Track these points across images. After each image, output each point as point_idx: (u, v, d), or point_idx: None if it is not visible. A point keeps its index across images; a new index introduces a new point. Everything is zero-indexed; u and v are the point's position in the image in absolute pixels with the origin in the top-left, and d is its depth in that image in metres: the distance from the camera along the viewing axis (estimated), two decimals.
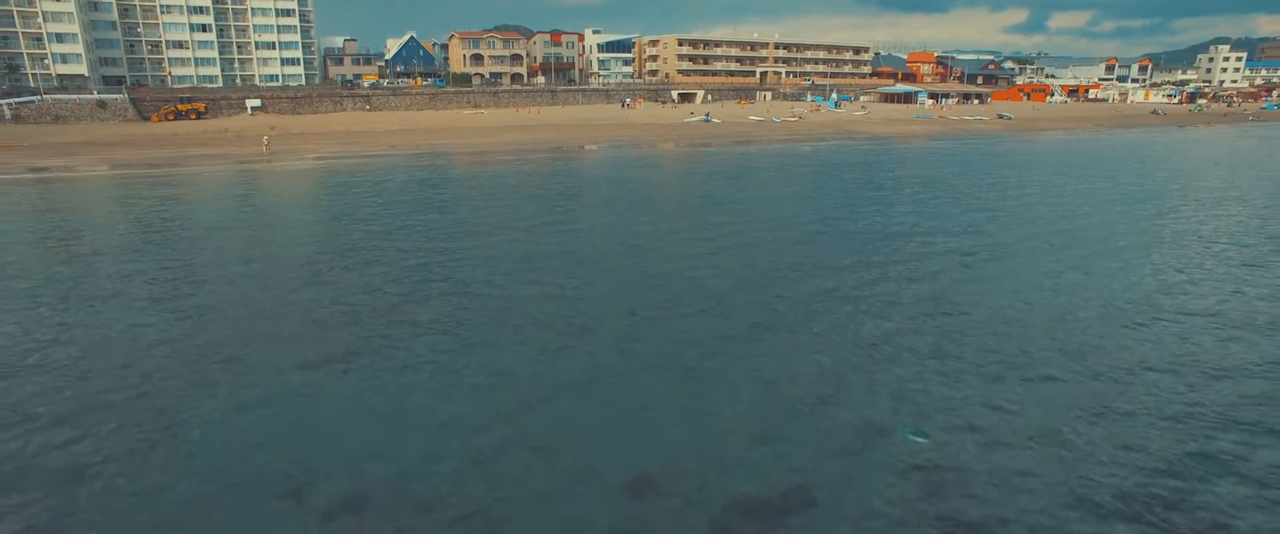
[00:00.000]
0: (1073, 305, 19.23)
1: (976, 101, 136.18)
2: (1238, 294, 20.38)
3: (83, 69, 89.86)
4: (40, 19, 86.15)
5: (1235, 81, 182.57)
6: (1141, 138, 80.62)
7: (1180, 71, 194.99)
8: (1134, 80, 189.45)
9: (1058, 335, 17.07)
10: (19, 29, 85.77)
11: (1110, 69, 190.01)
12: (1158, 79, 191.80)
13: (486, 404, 13.75)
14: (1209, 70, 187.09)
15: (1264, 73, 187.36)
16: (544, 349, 16.41)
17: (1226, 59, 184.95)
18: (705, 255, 24.90)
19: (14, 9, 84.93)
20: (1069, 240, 26.90)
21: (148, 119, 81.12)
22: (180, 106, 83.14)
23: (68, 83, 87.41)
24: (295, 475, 11.35)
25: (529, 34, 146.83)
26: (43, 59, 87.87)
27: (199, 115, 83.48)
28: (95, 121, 76.65)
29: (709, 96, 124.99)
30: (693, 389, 14.44)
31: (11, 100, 73.42)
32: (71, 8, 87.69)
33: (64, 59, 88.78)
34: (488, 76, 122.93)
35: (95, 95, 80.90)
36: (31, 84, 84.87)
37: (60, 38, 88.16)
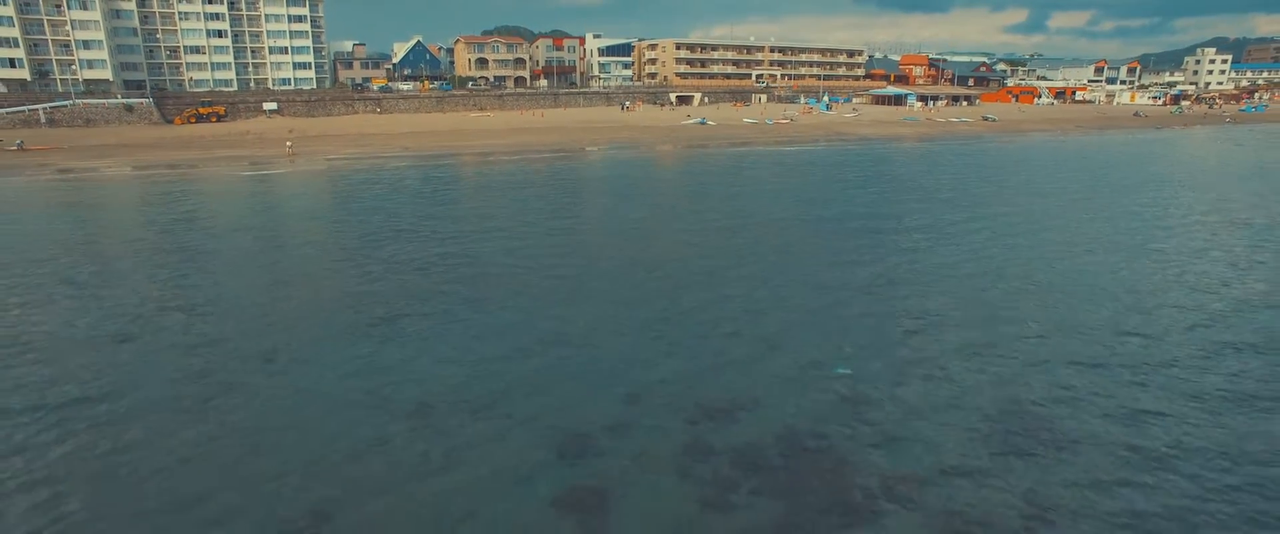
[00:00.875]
0: (986, 273, 23.52)
1: (965, 103, 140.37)
2: (1121, 268, 24.66)
3: (107, 74, 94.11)
4: (68, 27, 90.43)
5: (1221, 83, 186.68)
6: (1114, 139, 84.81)
7: (1168, 73, 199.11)
8: (1123, 82, 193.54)
9: (968, 296, 21.36)
10: (49, 37, 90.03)
11: (1100, 71, 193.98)
12: (1146, 81, 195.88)
13: (514, 342, 18.06)
14: (1196, 72, 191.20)
15: (1249, 75, 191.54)
16: (556, 305, 20.71)
17: (1212, 61, 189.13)
18: (690, 238, 29.20)
19: (45, 18, 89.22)
20: (1001, 225, 31.20)
21: (170, 122, 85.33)
22: (201, 109, 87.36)
23: (93, 87, 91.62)
24: (374, 390, 15.64)
25: (531, 37, 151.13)
26: (70, 65, 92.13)
27: (219, 118, 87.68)
28: (123, 124, 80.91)
29: (706, 99, 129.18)
30: (673, 333, 18.75)
31: (46, 105, 77.65)
32: (97, 16, 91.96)
33: (90, 65, 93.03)
34: (492, 79, 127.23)
35: (122, 99, 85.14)
36: (61, 88, 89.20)
37: (87, 45, 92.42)
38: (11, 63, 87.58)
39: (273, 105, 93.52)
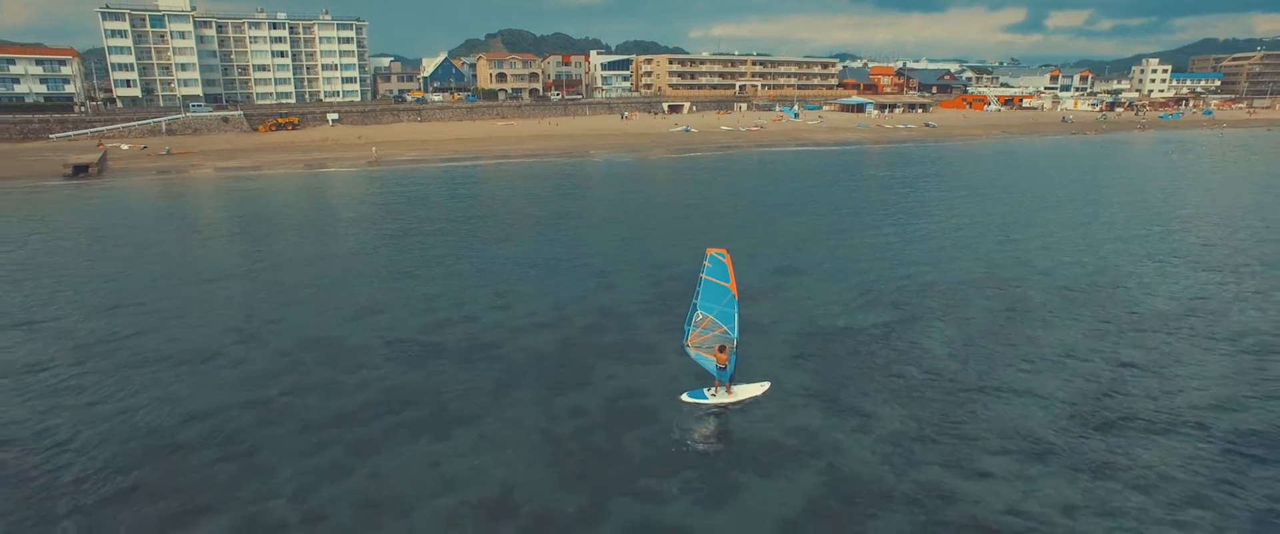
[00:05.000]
0: (826, 220, 43.77)
1: (921, 111, 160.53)
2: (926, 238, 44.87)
3: (198, 90, 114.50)
4: (170, 52, 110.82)
5: (1162, 91, 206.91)
6: (1021, 143, 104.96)
7: (1116, 81, 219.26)
8: (1077, 89, 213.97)
9: (801, 226, 41.61)
10: (154, 61, 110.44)
11: (1054, 79, 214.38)
12: (1097, 88, 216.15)
13: (567, 247, 38.38)
14: (1141, 81, 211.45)
15: (1189, 83, 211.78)
16: (584, 234, 40.97)
17: (1154, 71, 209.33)
18: (653, 205, 49.46)
19: (152, 46, 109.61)
20: (844, 198, 51.39)
21: (256, 130, 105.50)
22: (280, 120, 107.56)
23: (189, 101, 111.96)
24: (508, 261, 35.96)
25: (543, 53, 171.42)
26: (169, 83, 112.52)
27: (294, 127, 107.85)
28: (221, 132, 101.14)
29: (694, 107, 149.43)
30: (642, 244, 39.08)
31: (166, 118, 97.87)
32: (192, 43, 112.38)
33: (185, 83, 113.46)
34: (510, 91, 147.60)
35: (216, 112, 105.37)
36: (162, 103, 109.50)
37: (184, 66, 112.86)
38: (128, 83, 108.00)
39: (335, 116, 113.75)
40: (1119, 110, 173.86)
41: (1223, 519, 14.58)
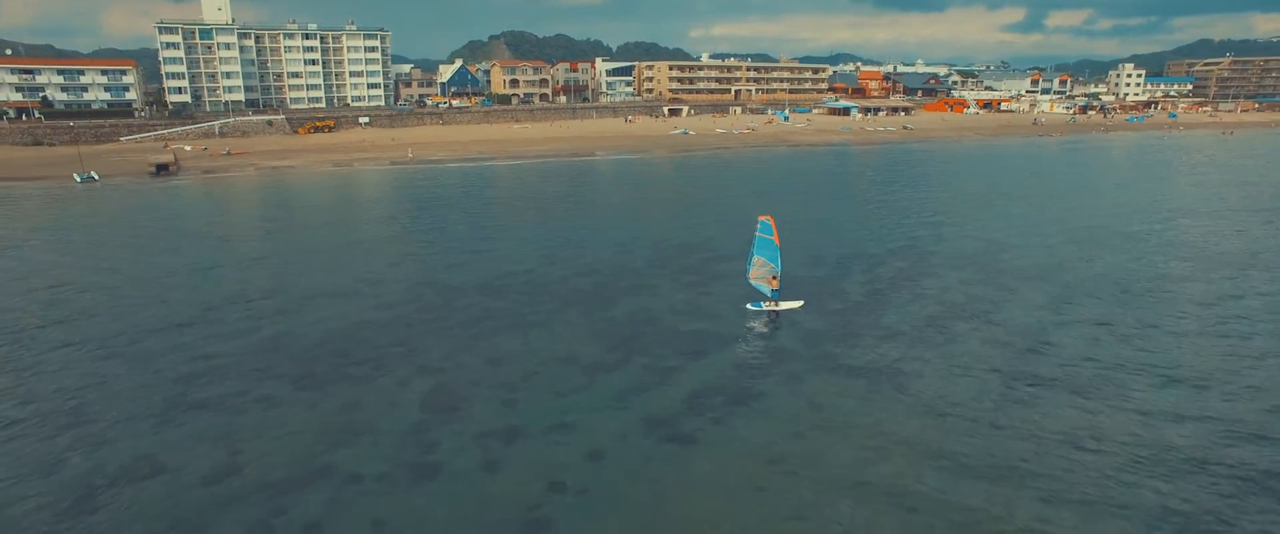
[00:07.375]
0: (807, 209, 54.94)
1: (903, 113, 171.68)
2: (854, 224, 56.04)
3: (240, 96, 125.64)
4: (217, 62, 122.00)
5: (1137, 94, 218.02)
6: (987, 144, 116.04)
7: (1093, 85, 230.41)
8: (1056, 92, 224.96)
9: (792, 217, 52.81)
10: (202, 70, 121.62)
11: (1035, 83, 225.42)
12: (1076, 91, 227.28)
13: (589, 225, 49.64)
14: (1117, 84, 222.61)
15: (1163, 87, 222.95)
16: (595, 217, 52.15)
17: (1130, 75, 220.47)
18: (650, 194, 60.61)
19: (200, 56, 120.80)
20: (831, 191, 62.51)
21: (296, 133, 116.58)
22: (318, 123, 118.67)
23: (232, 107, 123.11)
24: (542, 236, 47.24)
25: (551, 60, 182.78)
26: (215, 90, 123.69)
27: (330, 129, 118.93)
28: (266, 134, 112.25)
29: (692, 111, 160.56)
30: (644, 221, 50.30)
31: (218, 122, 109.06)
32: (236, 53, 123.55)
33: (229, 89, 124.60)
34: (522, 96, 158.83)
35: (260, 116, 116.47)
36: (208, 109, 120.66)
37: (228, 75, 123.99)
38: (180, 90, 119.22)
39: (366, 119, 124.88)
40: (1090, 113, 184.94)
41: (991, 372, 25.75)
